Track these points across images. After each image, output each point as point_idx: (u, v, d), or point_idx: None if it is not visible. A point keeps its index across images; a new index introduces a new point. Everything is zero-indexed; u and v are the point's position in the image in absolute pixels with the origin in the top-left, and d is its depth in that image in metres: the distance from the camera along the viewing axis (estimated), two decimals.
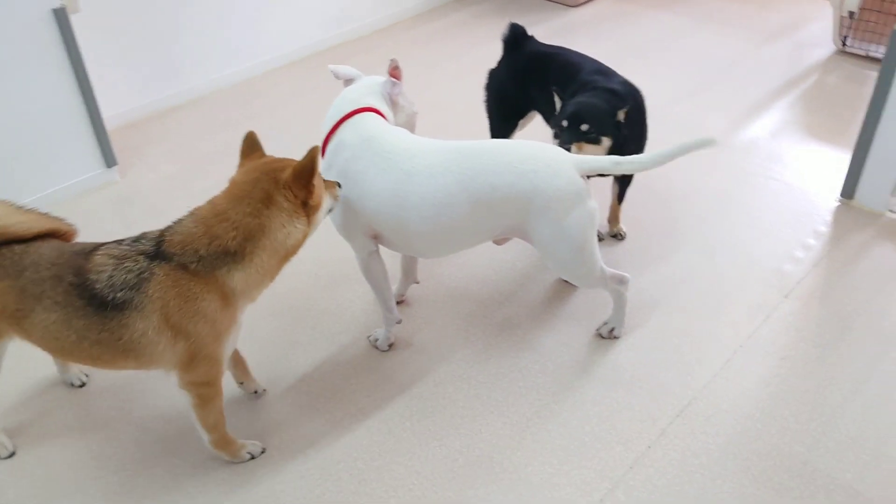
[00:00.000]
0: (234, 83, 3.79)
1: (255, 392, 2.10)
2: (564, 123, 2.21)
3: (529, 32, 2.66)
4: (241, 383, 2.08)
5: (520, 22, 2.66)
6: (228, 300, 1.66)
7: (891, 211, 2.76)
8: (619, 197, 2.59)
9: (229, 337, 1.73)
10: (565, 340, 2.26)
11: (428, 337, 2.29)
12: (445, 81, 3.77)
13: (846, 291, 2.41)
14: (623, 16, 4.45)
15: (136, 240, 1.67)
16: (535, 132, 2.77)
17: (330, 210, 1.86)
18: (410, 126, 2.19)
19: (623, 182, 2.57)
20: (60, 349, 1.68)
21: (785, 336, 2.26)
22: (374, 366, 2.20)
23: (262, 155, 1.76)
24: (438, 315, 2.37)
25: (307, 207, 1.70)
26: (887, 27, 3.73)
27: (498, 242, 2.12)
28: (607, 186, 2.61)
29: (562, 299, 2.42)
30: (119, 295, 1.58)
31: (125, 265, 1.60)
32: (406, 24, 4.42)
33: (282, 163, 1.71)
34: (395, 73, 2.11)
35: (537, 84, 2.53)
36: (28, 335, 1.69)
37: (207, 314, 1.63)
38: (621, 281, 2.16)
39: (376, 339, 2.25)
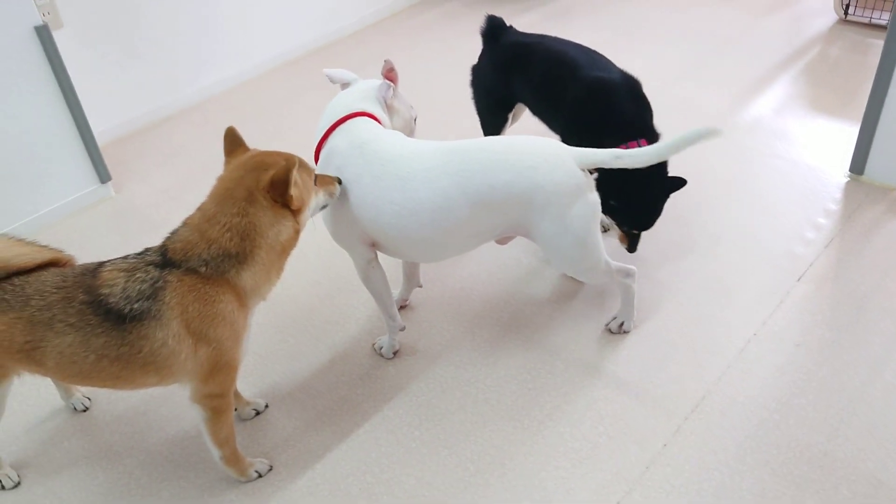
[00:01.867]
0: (227, 89, 3.74)
1: (256, 412, 2.06)
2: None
3: (523, 19, 2.59)
4: (235, 409, 2.01)
5: (512, 9, 2.59)
6: (242, 300, 1.65)
7: None
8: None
9: (245, 340, 1.71)
10: (574, 337, 2.21)
11: (433, 341, 2.24)
12: (441, 74, 3.71)
13: (860, 271, 2.35)
14: None
15: (141, 253, 1.65)
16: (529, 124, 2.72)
17: (324, 206, 1.83)
18: (408, 130, 2.13)
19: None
20: (79, 373, 1.61)
21: (799, 321, 2.20)
22: (380, 374, 2.16)
23: (246, 149, 1.73)
24: (443, 318, 2.32)
25: (289, 209, 1.67)
26: None
27: (501, 242, 2.07)
28: None
29: (568, 294, 2.37)
30: (136, 306, 1.55)
31: (137, 276, 1.58)
32: (398, 18, 4.36)
33: (267, 159, 1.66)
34: (389, 75, 2.05)
35: (521, 76, 2.46)
36: (40, 366, 1.63)
37: (226, 316, 1.61)
38: (627, 274, 2.10)
39: (381, 347, 2.20)
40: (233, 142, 1.73)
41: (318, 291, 2.46)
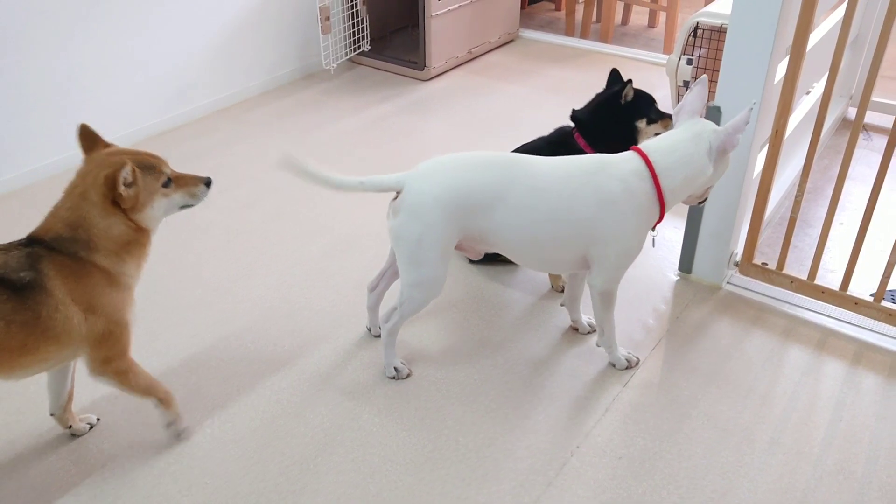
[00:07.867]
0: (56, 173, 3.47)
1: (90, 426, 2.11)
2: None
3: (379, 109, 2.57)
4: (70, 426, 2.08)
5: (368, 100, 2.57)
6: (109, 276, 1.77)
7: (728, 282, 2.75)
8: None
9: (130, 307, 1.84)
10: (388, 454, 2.06)
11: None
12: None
13: (684, 375, 2.33)
14: (474, 89, 4.43)
15: (6, 244, 1.74)
16: None
17: (185, 206, 1.89)
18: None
19: None
20: None
21: (623, 431, 2.14)
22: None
23: (106, 145, 1.84)
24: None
25: (123, 208, 1.77)
26: None
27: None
28: None
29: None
30: (23, 275, 1.66)
31: (12, 253, 1.69)
32: (250, 104, 4.24)
33: (113, 159, 1.77)
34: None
35: None
36: None
37: (95, 285, 1.74)
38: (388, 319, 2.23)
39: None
40: (89, 138, 1.82)
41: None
